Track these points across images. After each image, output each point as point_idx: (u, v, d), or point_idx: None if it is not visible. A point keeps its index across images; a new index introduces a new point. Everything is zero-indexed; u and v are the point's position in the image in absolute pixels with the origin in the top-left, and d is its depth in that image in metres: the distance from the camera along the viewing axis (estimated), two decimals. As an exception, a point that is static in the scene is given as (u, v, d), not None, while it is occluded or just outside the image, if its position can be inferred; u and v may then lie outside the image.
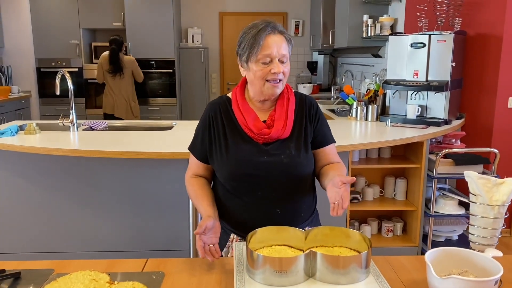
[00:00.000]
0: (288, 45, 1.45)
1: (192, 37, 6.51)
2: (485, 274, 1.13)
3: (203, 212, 1.47)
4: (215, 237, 1.40)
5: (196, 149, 1.59)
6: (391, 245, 3.09)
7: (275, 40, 1.41)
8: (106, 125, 3.31)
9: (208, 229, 1.36)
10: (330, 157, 1.57)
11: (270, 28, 1.41)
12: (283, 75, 1.44)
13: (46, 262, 1.39)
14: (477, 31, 3.48)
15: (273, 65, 1.41)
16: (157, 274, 1.31)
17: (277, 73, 1.41)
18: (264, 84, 1.44)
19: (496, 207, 1.23)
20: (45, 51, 6.05)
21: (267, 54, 1.40)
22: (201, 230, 1.32)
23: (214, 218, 1.42)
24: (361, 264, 1.13)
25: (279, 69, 1.41)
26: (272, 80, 1.43)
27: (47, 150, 2.43)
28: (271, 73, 1.41)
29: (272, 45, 1.40)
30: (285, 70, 1.44)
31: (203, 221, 1.37)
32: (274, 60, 1.41)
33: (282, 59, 1.42)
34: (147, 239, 2.82)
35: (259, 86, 1.45)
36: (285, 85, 1.50)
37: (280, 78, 1.43)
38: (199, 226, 1.34)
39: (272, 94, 1.47)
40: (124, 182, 2.75)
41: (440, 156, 2.85)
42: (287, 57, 1.44)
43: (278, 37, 1.42)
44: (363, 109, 3.47)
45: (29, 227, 2.82)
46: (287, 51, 1.44)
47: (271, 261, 1.11)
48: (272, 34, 1.41)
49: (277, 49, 1.40)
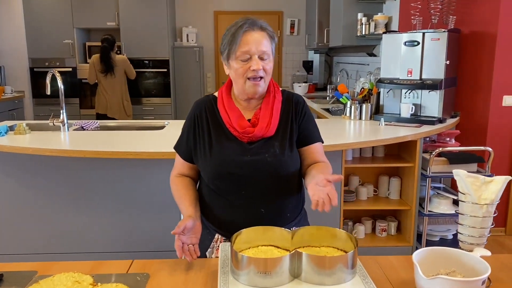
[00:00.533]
0: (270, 41, 1.44)
1: (186, 36, 6.49)
2: (473, 274, 1.11)
3: (184, 212, 1.46)
4: (195, 238, 1.39)
5: (181, 148, 1.57)
6: (385, 244, 3.07)
7: (253, 36, 1.40)
8: (98, 125, 3.29)
9: (187, 229, 1.34)
10: (316, 156, 1.54)
11: (247, 25, 1.40)
12: (264, 72, 1.42)
13: (29, 264, 1.36)
14: (471, 29, 3.47)
15: (252, 62, 1.39)
16: (141, 275, 1.29)
17: (257, 70, 1.39)
18: (245, 82, 1.43)
19: (485, 206, 1.21)
20: (39, 51, 6.02)
21: (245, 51, 1.39)
22: (179, 230, 1.31)
23: (194, 218, 1.41)
24: (347, 264, 1.11)
25: (258, 65, 1.39)
26: (252, 78, 1.41)
27: (36, 151, 2.40)
28: (250, 70, 1.40)
29: (250, 41, 1.39)
30: (267, 67, 1.42)
31: (182, 221, 1.36)
32: (253, 56, 1.39)
33: (262, 55, 1.40)
34: (137, 240, 2.79)
35: (241, 84, 1.44)
36: (268, 82, 1.48)
37: (261, 75, 1.41)
38: (177, 226, 1.32)
39: (254, 93, 1.45)
40: (114, 182, 2.73)
41: (433, 155, 2.84)
42: (269, 53, 1.42)
43: (258, 33, 1.41)
44: (357, 108, 3.45)
45: (18, 228, 2.79)
46: (268, 48, 1.42)
47: (255, 262, 1.09)
48: (250, 31, 1.40)
49: (255, 45, 1.39)
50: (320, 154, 1.56)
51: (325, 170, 1.44)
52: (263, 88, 1.46)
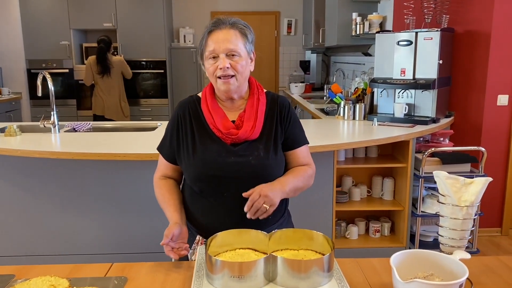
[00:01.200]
0: (241, 38, 1.42)
1: (184, 37, 6.48)
2: (452, 277, 1.10)
3: (169, 218, 1.45)
4: (182, 243, 1.38)
5: (164, 150, 1.56)
6: (379, 245, 3.05)
7: (219, 36, 1.40)
8: (91, 127, 3.28)
9: (175, 236, 1.34)
10: (301, 160, 1.55)
11: (212, 25, 1.42)
12: (235, 70, 1.40)
13: (7, 268, 1.35)
14: (465, 28, 3.45)
15: (219, 61, 1.39)
16: (119, 278, 1.27)
17: (223, 68, 1.38)
18: (216, 81, 1.43)
19: (465, 207, 1.19)
20: (36, 53, 6.02)
21: (211, 50, 1.40)
22: (167, 241, 1.31)
23: (180, 224, 1.40)
24: (323, 267, 1.09)
25: (223, 63, 1.38)
26: (222, 77, 1.40)
27: (25, 153, 2.39)
28: (218, 68, 1.39)
29: (215, 41, 1.39)
30: (237, 65, 1.40)
31: (169, 229, 1.35)
32: (219, 55, 1.39)
33: (230, 53, 1.39)
34: (128, 242, 2.78)
35: (214, 83, 1.45)
36: (242, 81, 1.45)
37: (230, 74, 1.40)
38: (165, 236, 1.32)
39: (226, 91, 1.43)
40: (104, 184, 2.72)
41: (426, 155, 2.82)
42: (238, 51, 1.40)
43: (225, 31, 1.40)
44: (350, 108, 3.43)
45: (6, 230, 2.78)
46: (237, 45, 1.40)
47: (229, 266, 1.08)
48: (216, 30, 1.41)
49: (220, 44, 1.38)
50: (305, 157, 1.56)
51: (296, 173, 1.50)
52: (237, 86, 1.44)
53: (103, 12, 5.97)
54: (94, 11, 5.96)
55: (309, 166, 1.56)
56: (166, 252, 1.33)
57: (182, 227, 1.40)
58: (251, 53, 1.47)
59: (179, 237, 1.37)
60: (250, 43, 1.46)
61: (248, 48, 1.45)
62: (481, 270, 1.30)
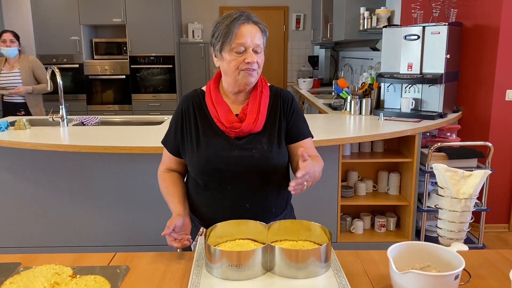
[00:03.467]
0: (262, 35, 1.43)
1: (192, 32, 6.50)
2: (449, 269, 1.10)
3: (173, 209, 1.47)
4: (185, 235, 1.40)
5: (169, 143, 1.58)
6: (384, 240, 3.05)
7: (249, 29, 1.39)
8: (99, 121, 3.32)
9: (177, 227, 1.36)
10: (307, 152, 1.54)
11: (244, 18, 1.40)
12: (258, 65, 1.42)
13: (13, 256, 1.39)
14: (474, 22, 3.42)
15: (247, 55, 1.38)
16: (122, 268, 1.30)
17: (251, 63, 1.38)
18: (239, 73, 1.41)
19: (463, 200, 1.19)
20: (46, 48, 6.08)
21: (240, 43, 1.37)
22: (169, 231, 1.33)
23: (183, 216, 1.42)
24: (320, 258, 1.11)
25: (253, 58, 1.38)
26: (246, 70, 1.40)
27: (34, 145, 2.43)
28: (244, 62, 1.39)
29: (246, 34, 1.38)
30: (259, 60, 1.42)
31: (171, 220, 1.37)
32: (248, 49, 1.39)
33: (256, 49, 1.40)
34: (132, 234, 2.82)
35: (234, 76, 1.42)
36: (259, 76, 1.47)
37: (254, 68, 1.41)
38: (167, 226, 1.34)
39: (246, 84, 1.43)
40: (110, 177, 2.76)
41: (432, 150, 2.81)
42: (261, 47, 1.42)
43: (252, 27, 1.40)
44: (357, 103, 3.43)
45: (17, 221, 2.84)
46: (261, 42, 1.42)
47: (228, 255, 1.10)
48: (246, 24, 1.40)
49: (251, 38, 1.38)
50: (310, 149, 1.56)
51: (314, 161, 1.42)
52: (255, 79, 1.45)
53: (112, 7, 6.01)
54: (103, 6, 6.01)
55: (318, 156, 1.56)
56: (169, 242, 1.35)
57: (185, 218, 1.42)
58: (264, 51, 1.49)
59: (182, 229, 1.39)
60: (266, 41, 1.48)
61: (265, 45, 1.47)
62: (480, 263, 1.31)
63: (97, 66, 6.20)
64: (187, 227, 1.42)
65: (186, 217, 1.44)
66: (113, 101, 6.32)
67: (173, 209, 1.47)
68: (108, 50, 6.29)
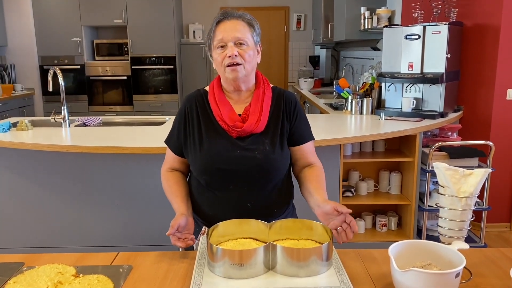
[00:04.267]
0: (249, 28, 1.45)
1: (193, 33, 6.51)
2: (450, 267, 1.11)
3: (176, 209, 1.48)
4: (188, 234, 1.41)
5: (172, 143, 1.59)
6: (385, 239, 3.06)
7: (227, 25, 1.43)
8: (100, 121, 3.33)
9: (181, 227, 1.36)
10: (308, 155, 1.56)
11: (221, 16, 1.45)
12: (242, 58, 1.42)
13: (17, 256, 1.40)
14: (474, 22, 3.42)
15: (228, 49, 1.41)
16: (124, 267, 1.31)
17: (232, 56, 1.40)
18: (225, 70, 1.44)
19: (464, 198, 1.20)
20: (48, 49, 6.11)
21: (219, 39, 1.42)
22: (173, 231, 1.33)
23: (186, 215, 1.42)
24: (321, 256, 1.11)
25: (232, 51, 1.40)
26: (230, 64, 1.42)
27: (36, 146, 2.45)
28: (227, 57, 1.41)
29: (224, 30, 1.42)
30: (244, 54, 1.42)
31: (175, 220, 1.37)
32: (228, 44, 1.42)
33: (237, 42, 1.42)
34: (135, 234, 2.83)
35: (222, 73, 1.46)
36: (250, 70, 1.47)
37: (238, 62, 1.42)
38: (171, 226, 1.34)
39: (234, 79, 1.45)
40: (112, 177, 2.77)
41: (433, 149, 2.81)
42: (245, 40, 1.43)
43: (232, 22, 1.44)
44: (358, 102, 3.43)
45: (22, 222, 2.85)
46: (244, 35, 1.43)
47: (229, 254, 1.10)
48: (225, 20, 1.44)
49: (229, 33, 1.41)
50: (311, 153, 1.58)
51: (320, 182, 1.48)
52: (244, 75, 1.45)
53: (113, 9, 6.03)
54: (105, 8, 6.02)
55: (319, 166, 1.57)
56: (173, 242, 1.36)
57: (188, 218, 1.43)
58: (257, 45, 1.49)
59: (185, 228, 1.39)
60: (257, 35, 1.49)
61: (255, 39, 1.47)
62: (481, 261, 1.31)
63: (99, 67, 6.23)
64: (191, 226, 1.43)
65: (189, 216, 1.45)
66: (114, 102, 6.34)
67: (177, 208, 1.48)
68: (110, 51, 6.31)
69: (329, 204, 1.30)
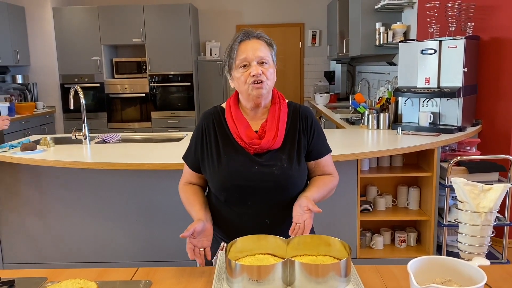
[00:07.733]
0: (268, 48, 1.49)
1: (210, 51, 6.61)
2: (470, 283, 1.09)
3: (194, 216, 1.49)
4: (206, 241, 1.42)
5: (189, 159, 1.61)
6: (405, 256, 3.01)
7: (249, 44, 1.46)
8: (120, 138, 3.39)
9: (197, 232, 1.37)
10: (325, 169, 1.59)
11: (242, 36, 1.48)
12: (265, 76, 1.45)
13: (40, 271, 1.43)
14: (491, 35, 3.40)
15: (252, 68, 1.44)
16: (144, 282, 1.33)
17: (256, 75, 1.43)
18: (248, 88, 1.46)
19: (483, 214, 1.19)
20: (69, 68, 6.27)
21: (243, 58, 1.45)
22: (188, 234, 1.33)
23: (204, 221, 1.43)
24: (340, 272, 1.11)
25: (257, 70, 1.43)
26: (253, 82, 1.44)
27: (57, 163, 2.50)
28: (250, 76, 1.44)
29: (246, 49, 1.45)
30: (266, 72, 1.46)
31: (191, 224, 1.38)
32: (251, 63, 1.45)
33: (260, 61, 1.45)
34: (154, 250, 2.85)
35: (245, 91, 1.47)
36: (270, 88, 1.50)
37: (261, 80, 1.45)
38: (186, 229, 1.35)
39: (258, 96, 1.47)
40: (133, 193, 2.80)
41: (451, 164, 2.78)
42: (267, 59, 1.47)
43: (253, 41, 1.47)
44: (374, 117, 3.43)
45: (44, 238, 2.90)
46: (266, 54, 1.47)
47: (248, 270, 1.11)
48: (246, 40, 1.47)
49: (252, 52, 1.45)
50: (329, 166, 1.60)
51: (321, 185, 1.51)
52: (267, 91, 1.49)
53: (132, 28, 6.17)
54: (123, 27, 6.17)
55: (333, 176, 1.59)
56: (187, 248, 1.37)
57: (206, 223, 1.43)
58: (275, 63, 1.52)
59: (202, 234, 1.40)
60: (275, 54, 1.53)
61: (274, 58, 1.52)
62: (503, 278, 1.29)
63: (117, 85, 6.35)
64: (209, 233, 1.44)
65: (207, 222, 1.46)
66: (133, 119, 6.44)
67: (195, 216, 1.48)
68: (128, 69, 6.44)
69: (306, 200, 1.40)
